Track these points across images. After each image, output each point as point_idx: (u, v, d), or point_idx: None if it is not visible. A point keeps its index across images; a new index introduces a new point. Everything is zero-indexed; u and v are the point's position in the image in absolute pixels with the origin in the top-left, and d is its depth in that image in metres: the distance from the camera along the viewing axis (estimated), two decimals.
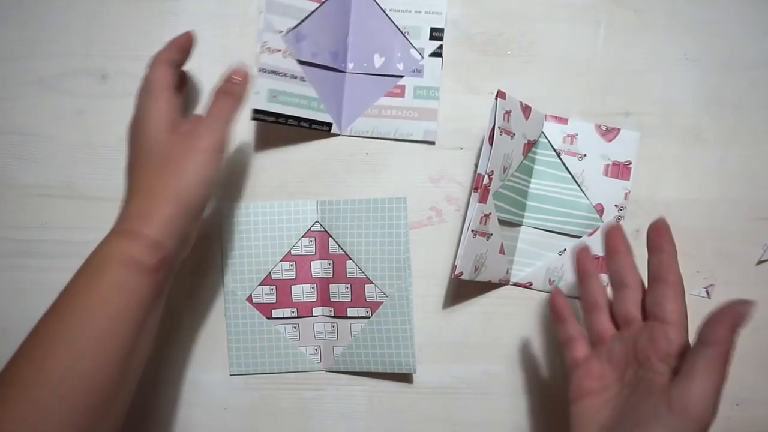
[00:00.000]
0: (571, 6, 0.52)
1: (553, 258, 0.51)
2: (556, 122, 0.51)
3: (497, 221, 0.48)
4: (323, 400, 0.51)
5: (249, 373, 0.51)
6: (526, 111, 0.48)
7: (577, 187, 0.51)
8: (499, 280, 0.50)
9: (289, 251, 0.51)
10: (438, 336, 0.51)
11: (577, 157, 0.50)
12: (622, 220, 0.50)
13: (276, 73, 0.49)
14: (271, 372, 0.51)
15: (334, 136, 0.51)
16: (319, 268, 0.51)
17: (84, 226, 0.51)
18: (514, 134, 0.47)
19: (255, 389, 0.51)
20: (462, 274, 0.46)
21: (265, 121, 0.48)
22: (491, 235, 0.48)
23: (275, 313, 0.51)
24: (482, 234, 0.47)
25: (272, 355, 0.51)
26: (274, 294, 0.51)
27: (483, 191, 0.45)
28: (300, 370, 0.51)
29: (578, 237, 0.50)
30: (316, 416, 0.51)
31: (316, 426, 0.51)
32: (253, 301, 0.51)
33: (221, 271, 0.51)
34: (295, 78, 0.49)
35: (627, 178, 0.50)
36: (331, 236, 0.50)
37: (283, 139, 0.52)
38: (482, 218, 0.46)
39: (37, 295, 0.51)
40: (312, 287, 0.51)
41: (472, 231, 0.45)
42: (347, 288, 0.50)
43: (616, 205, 0.50)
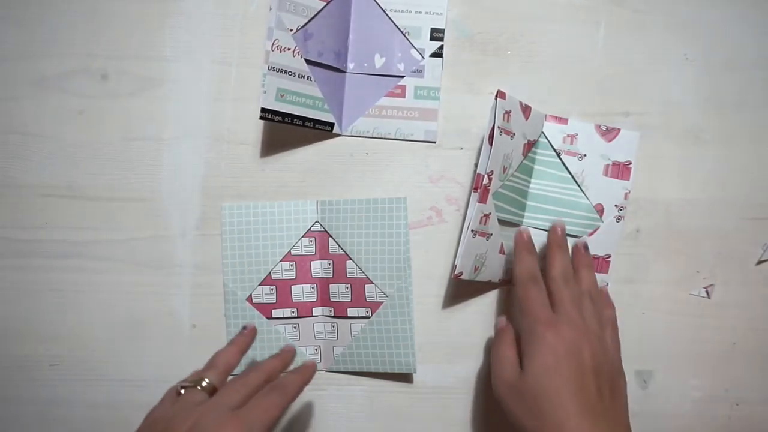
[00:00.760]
0: (571, 6, 0.52)
1: None
2: (556, 122, 0.51)
3: (497, 221, 0.48)
4: (323, 400, 0.51)
5: None
6: (526, 111, 0.48)
7: (577, 187, 0.51)
8: (499, 280, 0.50)
9: (289, 251, 0.51)
10: (438, 336, 0.51)
11: (577, 157, 0.50)
12: (622, 220, 0.50)
13: (285, 72, 0.48)
14: None
15: (335, 136, 0.52)
16: (319, 268, 0.51)
17: (84, 226, 0.51)
18: (514, 134, 0.47)
19: None
20: (462, 274, 0.46)
21: (272, 120, 0.48)
22: (491, 235, 0.48)
23: (275, 313, 0.51)
24: (482, 234, 0.47)
25: (271, 354, 0.51)
26: (274, 294, 0.51)
27: (483, 191, 0.45)
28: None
29: (578, 237, 0.50)
30: (316, 416, 0.51)
31: (316, 426, 0.51)
32: (253, 301, 0.51)
33: (221, 271, 0.51)
34: (303, 77, 0.49)
35: (627, 178, 0.50)
36: (331, 236, 0.50)
37: (283, 139, 0.52)
38: (482, 218, 0.46)
39: (37, 295, 0.51)
40: (312, 287, 0.51)
41: (472, 231, 0.46)
42: (347, 288, 0.50)
43: (616, 205, 0.50)
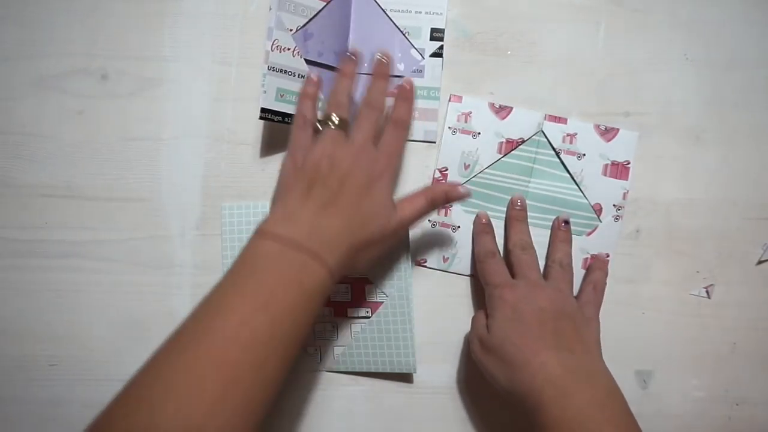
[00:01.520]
0: (571, 6, 0.52)
1: None
2: (555, 122, 0.51)
3: (464, 214, 0.50)
4: (323, 400, 0.51)
5: None
6: (502, 111, 0.50)
7: (575, 186, 0.51)
8: None
9: None
10: (438, 336, 0.51)
11: (576, 157, 0.50)
12: (620, 219, 0.50)
13: (285, 72, 0.48)
14: None
15: None
16: None
17: (83, 226, 0.51)
18: (479, 133, 0.50)
19: None
20: (425, 262, 0.51)
21: (272, 120, 0.48)
22: (458, 227, 0.50)
23: None
24: (445, 225, 0.50)
25: None
26: None
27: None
28: (300, 370, 0.51)
29: (577, 236, 0.50)
30: (316, 416, 0.51)
31: (316, 426, 0.51)
32: None
33: (221, 271, 0.51)
34: (303, 77, 0.49)
35: (625, 178, 0.50)
36: None
37: (283, 139, 0.51)
38: (439, 210, 0.51)
39: (36, 295, 0.51)
40: None
41: (429, 221, 0.51)
42: (347, 288, 0.50)
43: (614, 205, 0.50)
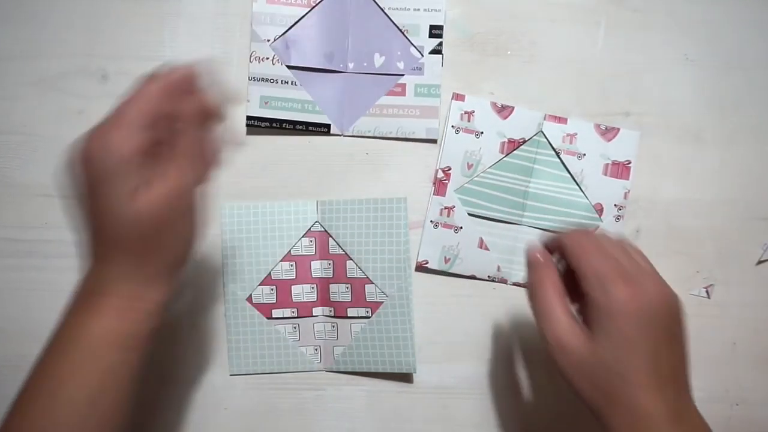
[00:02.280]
0: (571, 6, 0.52)
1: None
2: (555, 122, 0.51)
3: (467, 215, 0.50)
4: (323, 400, 0.51)
5: (249, 373, 0.51)
6: (504, 111, 0.50)
7: (576, 186, 0.50)
8: (488, 277, 0.51)
9: (289, 251, 0.51)
10: (438, 336, 0.51)
11: (576, 157, 0.50)
12: (621, 219, 0.50)
13: (266, 80, 0.50)
14: (270, 372, 0.51)
15: (335, 136, 0.52)
16: (319, 268, 0.51)
17: None
18: (481, 133, 0.49)
19: (255, 389, 0.51)
20: (427, 263, 0.50)
21: (259, 126, 0.50)
22: (460, 228, 0.50)
23: (275, 313, 0.51)
24: (447, 226, 0.50)
25: (272, 355, 0.51)
26: (274, 294, 0.51)
27: (438, 185, 0.50)
28: (300, 370, 0.51)
29: None
30: (316, 416, 0.51)
31: (316, 426, 0.51)
32: (253, 301, 0.51)
33: (221, 271, 0.51)
34: (287, 83, 0.50)
35: (626, 178, 0.50)
36: (331, 236, 0.50)
37: (283, 139, 0.52)
38: (442, 210, 0.50)
39: (37, 295, 0.51)
40: (312, 287, 0.51)
41: (431, 222, 0.50)
42: (347, 288, 0.50)
43: (615, 205, 0.50)
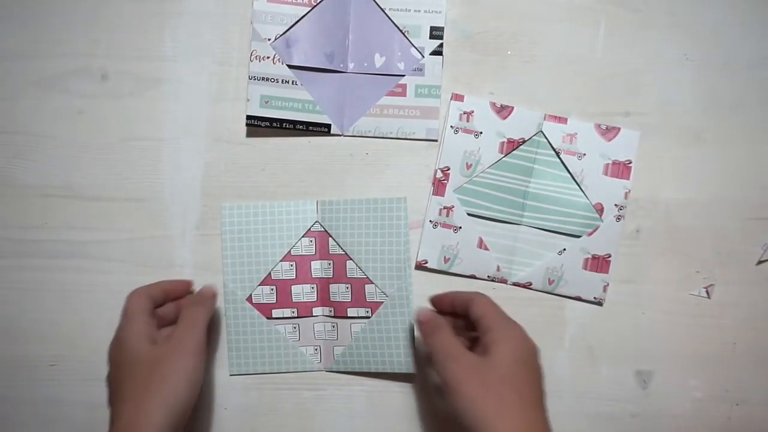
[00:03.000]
0: (571, 6, 0.52)
1: (552, 258, 0.51)
2: (555, 122, 0.51)
3: (466, 215, 0.50)
4: (323, 400, 0.51)
5: (249, 373, 0.51)
6: (504, 111, 0.50)
7: (576, 186, 0.51)
8: (488, 277, 0.51)
9: (289, 251, 0.51)
10: None
11: (576, 156, 0.50)
12: (622, 219, 0.50)
13: (266, 80, 0.50)
14: (270, 372, 0.51)
15: (336, 136, 0.52)
16: (319, 268, 0.51)
17: (84, 226, 0.51)
18: (480, 133, 0.50)
19: (255, 389, 0.51)
20: (426, 263, 0.50)
21: (259, 126, 0.50)
22: (459, 228, 0.50)
23: (275, 313, 0.51)
24: (446, 226, 0.50)
25: (272, 355, 0.51)
26: (274, 294, 0.51)
27: (438, 185, 0.50)
28: (300, 370, 0.51)
29: (578, 237, 0.50)
30: (316, 416, 0.51)
31: (316, 426, 0.51)
32: (252, 301, 0.51)
33: (221, 271, 0.51)
34: (287, 82, 0.50)
35: (627, 177, 0.50)
36: (331, 236, 0.50)
37: (283, 139, 0.52)
38: (441, 210, 0.50)
39: (37, 295, 0.51)
40: (312, 287, 0.51)
41: (430, 221, 0.50)
42: (347, 288, 0.50)
43: (615, 204, 0.50)
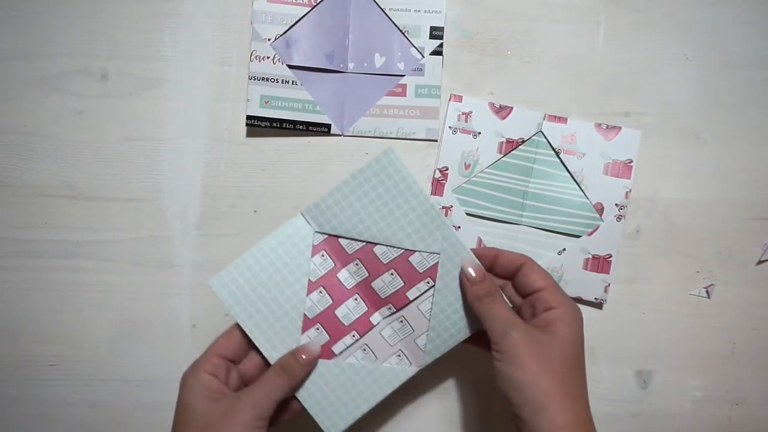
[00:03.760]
0: (571, 6, 0.52)
1: (552, 258, 0.51)
2: (555, 121, 0.51)
3: (465, 215, 0.50)
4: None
5: (350, 424, 0.44)
6: (502, 111, 0.50)
7: (576, 186, 0.51)
8: None
9: (309, 280, 0.44)
10: None
11: (576, 156, 0.50)
12: (622, 219, 0.50)
13: (266, 80, 0.50)
14: (369, 408, 0.44)
15: (336, 136, 0.52)
16: (348, 275, 0.44)
17: (84, 226, 0.51)
18: (479, 133, 0.50)
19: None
20: None
21: (259, 126, 0.50)
22: (458, 227, 0.50)
23: (336, 348, 0.44)
24: None
25: (360, 391, 0.44)
26: (323, 331, 0.44)
27: (436, 185, 0.51)
28: (396, 386, 0.44)
29: (578, 236, 0.50)
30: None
31: (317, 426, 0.51)
32: None
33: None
34: (287, 82, 0.50)
35: (627, 177, 0.50)
36: (339, 237, 0.43)
37: (283, 139, 0.52)
38: (440, 210, 0.48)
39: (37, 295, 0.51)
40: (355, 299, 0.44)
41: None
42: (392, 274, 0.44)
43: (616, 204, 0.50)
